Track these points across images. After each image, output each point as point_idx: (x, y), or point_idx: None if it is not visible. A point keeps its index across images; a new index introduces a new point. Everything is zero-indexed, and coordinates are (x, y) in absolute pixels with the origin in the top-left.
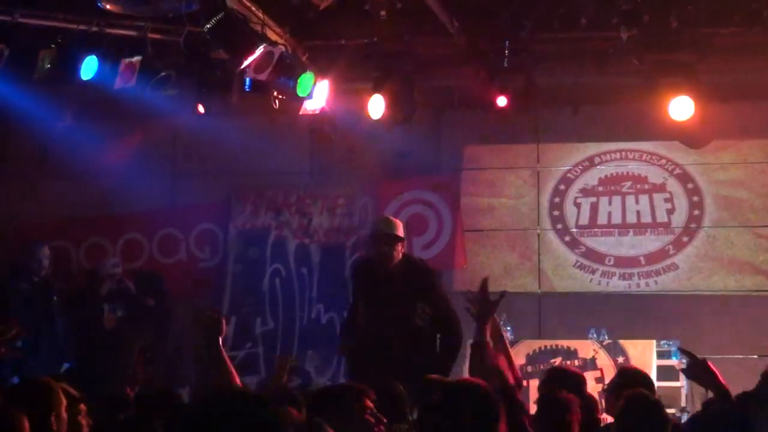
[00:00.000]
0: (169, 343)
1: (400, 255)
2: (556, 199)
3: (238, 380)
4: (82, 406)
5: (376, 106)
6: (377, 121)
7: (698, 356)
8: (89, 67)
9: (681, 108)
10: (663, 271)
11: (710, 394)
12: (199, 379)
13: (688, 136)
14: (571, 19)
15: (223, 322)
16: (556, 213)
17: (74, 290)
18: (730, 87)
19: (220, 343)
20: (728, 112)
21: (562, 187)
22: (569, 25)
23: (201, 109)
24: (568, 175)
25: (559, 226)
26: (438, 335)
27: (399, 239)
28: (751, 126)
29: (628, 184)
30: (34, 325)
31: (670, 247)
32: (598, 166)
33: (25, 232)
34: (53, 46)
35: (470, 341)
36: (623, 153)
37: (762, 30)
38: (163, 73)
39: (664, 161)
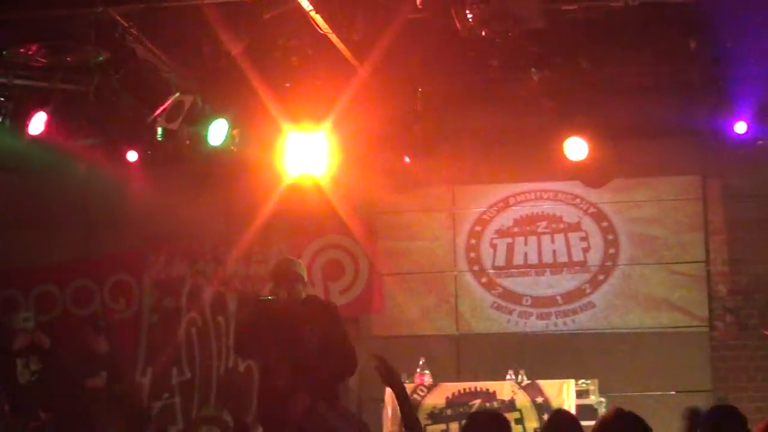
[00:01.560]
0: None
1: (302, 295)
2: (472, 241)
3: None
4: None
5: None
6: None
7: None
8: None
9: (575, 148)
10: (580, 309)
11: None
12: None
13: (590, 175)
14: (482, 61)
15: None
16: (472, 255)
17: None
18: (642, 125)
19: None
20: (641, 150)
21: (477, 228)
22: (480, 67)
23: (131, 156)
24: (484, 216)
25: (476, 267)
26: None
27: (299, 278)
28: (664, 163)
29: (544, 224)
30: None
31: (587, 285)
32: (513, 207)
33: None
34: None
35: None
36: (537, 193)
37: (671, 69)
38: (73, 123)
39: (578, 200)
